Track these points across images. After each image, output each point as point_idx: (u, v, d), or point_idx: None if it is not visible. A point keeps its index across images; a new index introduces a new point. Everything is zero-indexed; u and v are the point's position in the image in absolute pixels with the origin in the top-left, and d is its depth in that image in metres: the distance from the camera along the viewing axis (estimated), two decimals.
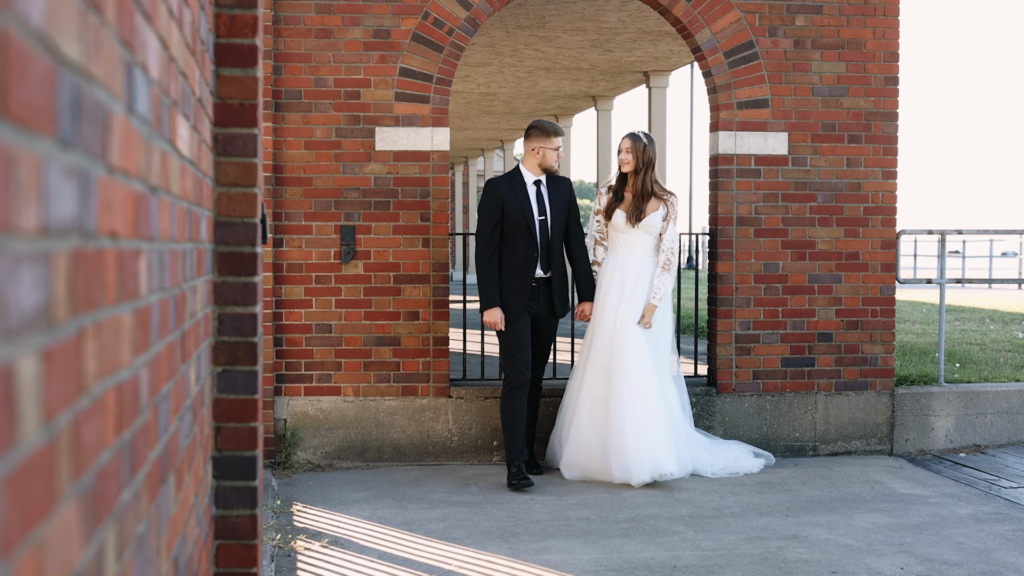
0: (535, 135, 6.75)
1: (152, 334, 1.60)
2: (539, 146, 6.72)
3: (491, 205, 6.66)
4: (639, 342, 6.60)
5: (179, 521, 2.02)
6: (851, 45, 7.55)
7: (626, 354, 6.56)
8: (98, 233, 1.14)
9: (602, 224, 6.92)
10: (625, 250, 6.80)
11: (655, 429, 6.46)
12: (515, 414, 6.59)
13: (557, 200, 6.76)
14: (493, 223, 6.64)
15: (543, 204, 6.73)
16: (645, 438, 6.44)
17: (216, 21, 2.86)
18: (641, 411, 6.48)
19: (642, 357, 6.57)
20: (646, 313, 6.68)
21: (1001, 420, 7.86)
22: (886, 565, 5.01)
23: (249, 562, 2.87)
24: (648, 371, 6.56)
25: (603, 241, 6.95)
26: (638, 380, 6.53)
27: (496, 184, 6.74)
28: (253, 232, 2.92)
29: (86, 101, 1.07)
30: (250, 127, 2.89)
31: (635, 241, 6.78)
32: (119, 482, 1.29)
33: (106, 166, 1.19)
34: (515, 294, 6.62)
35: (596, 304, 6.81)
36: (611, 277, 6.78)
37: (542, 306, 6.75)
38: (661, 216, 6.78)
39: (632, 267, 6.75)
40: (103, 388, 1.18)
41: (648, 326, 6.65)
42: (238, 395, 2.87)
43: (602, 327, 6.71)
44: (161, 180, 1.70)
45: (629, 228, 6.76)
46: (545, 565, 4.97)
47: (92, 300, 1.11)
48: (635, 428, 6.44)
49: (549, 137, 6.73)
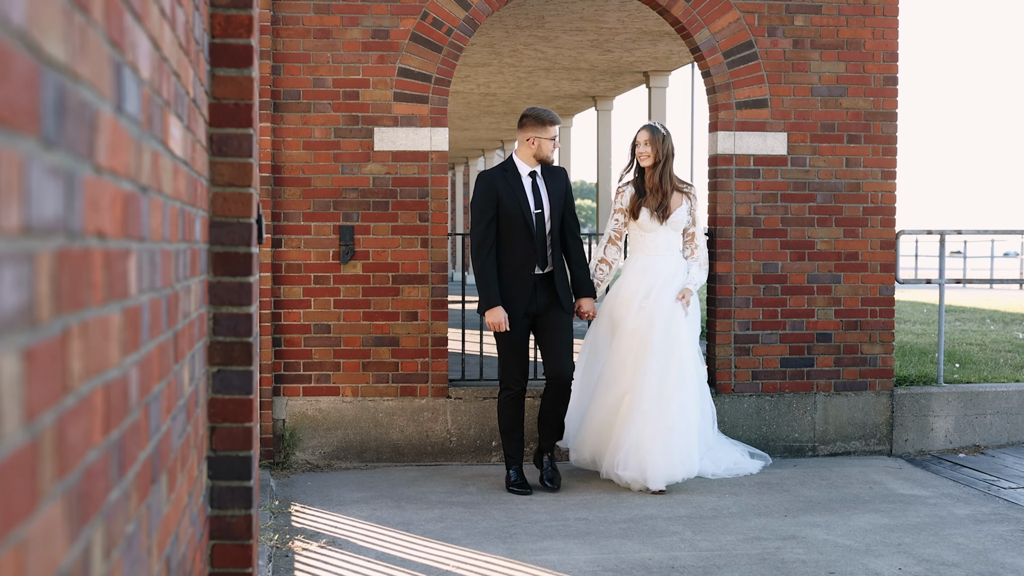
0: (530, 124, 6.37)
1: (142, 334, 1.60)
2: (534, 136, 6.34)
3: (485, 200, 6.29)
4: (668, 343, 6.33)
5: (172, 521, 2.02)
6: (850, 45, 7.55)
7: (652, 355, 6.28)
8: (84, 233, 1.14)
9: (620, 223, 6.62)
10: (652, 249, 6.53)
11: (678, 435, 6.26)
12: (510, 418, 6.39)
13: (554, 192, 6.39)
14: (488, 219, 6.27)
15: (539, 197, 6.36)
16: (664, 444, 6.24)
17: (211, 21, 2.86)
18: (665, 416, 6.25)
19: (669, 359, 6.31)
20: (685, 293, 6.41)
21: (1000, 420, 7.85)
22: (884, 565, 5.01)
23: (244, 562, 2.88)
24: (674, 374, 6.31)
25: (617, 241, 6.66)
26: (663, 382, 6.27)
27: (489, 177, 6.35)
28: (249, 232, 2.92)
29: (71, 101, 1.07)
30: (245, 127, 2.89)
31: (661, 239, 6.52)
32: (107, 481, 1.29)
33: (93, 166, 1.19)
34: (515, 293, 6.31)
35: (619, 303, 6.52)
36: (640, 277, 6.48)
37: (543, 303, 6.38)
38: (686, 211, 6.57)
39: (660, 266, 6.49)
40: (90, 388, 1.18)
41: (687, 303, 6.38)
42: (233, 395, 2.87)
43: (626, 327, 6.43)
44: (152, 180, 1.70)
45: (655, 226, 6.50)
46: (542, 565, 4.97)
47: (78, 300, 1.11)
48: (656, 433, 6.22)
49: (544, 126, 6.35)
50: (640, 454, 6.25)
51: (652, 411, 6.25)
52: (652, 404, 6.25)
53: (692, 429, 6.36)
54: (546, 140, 6.35)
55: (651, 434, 6.23)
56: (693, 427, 6.38)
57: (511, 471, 6.40)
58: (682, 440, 6.29)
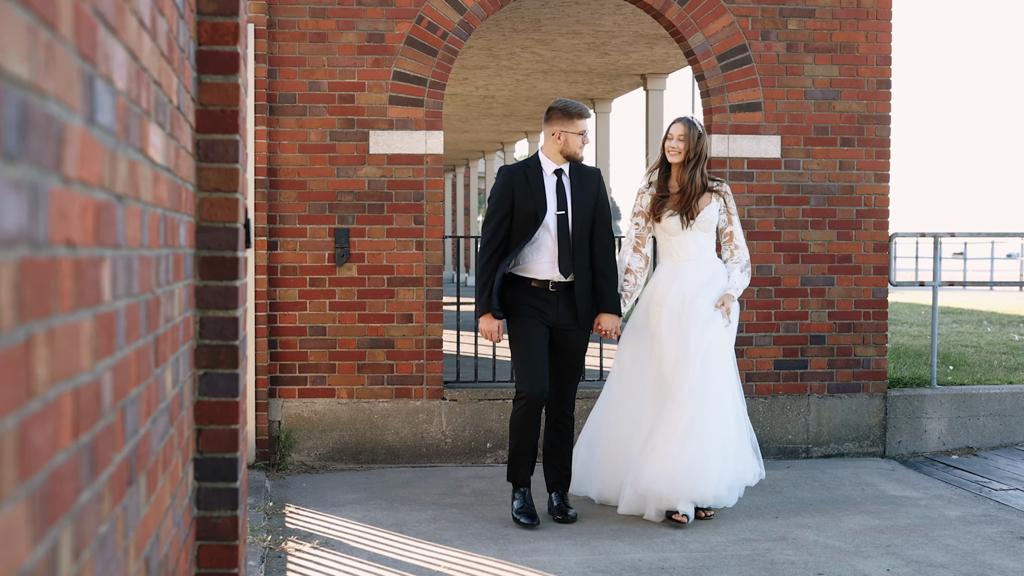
0: (556, 117, 5.81)
1: (117, 339, 1.63)
2: (560, 130, 5.78)
3: (499, 196, 5.75)
4: (706, 359, 5.66)
5: (152, 521, 2.05)
6: (844, 49, 7.58)
7: (688, 375, 5.63)
8: (51, 242, 1.18)
9: (642, 227, 6.00)
10: (681, 254, 5.90)
11: (711, 459, 5.66)
12: (523, 433, 5.66)
13: (582, 193, 5.77)
14: (500, 217, 5.72)
15: (563, 196, 5.75)
16: (700, 477, 5.62)
17: (198, 29, 2.90)
18: (703, 445, 5.61)
19: (707, 381, 5.64)
20: (725, 300, 5.77)
21: (993, 422, 7.89)
22: (872, 567, 5.04)
23: (230, 563, 2.91)
24: (713, 392, 5.65)
25: (641, 247, 6.01)
26: (699, 408, 5.62)
27: (508, 172, 5.81)
28: (235, 237, 2.96)
29: (36, 115, 1.10)
30: (232, 133, 2.93)
31: (690, 243, 5.88)
32: (76, 483, 1.32)
33: (61, 177, 1.23)
34: (532, 301, 5.71)
35: (649, 315, 5.87)
36: (667, 284, 5.86)
37: (562, 315, 5.73)
38: (717, 209, 5.91)
39: (691, 272, 5.85)
40: (57, 392, 1.21)
41: (728, 311, 5.75)
42: (219, 398, 2.91)
43: (658, 342, 5.79)
44: (129, 188, 1.74)
45: (681, 229, 5.87)
46: (533, 566, 5.00)
47: (44, 308, 1.15)
48: (691, 468, 5.61)
49: (572, 119, 5.78)
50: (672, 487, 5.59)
51: (688, 441, 5.60)
52: (687, 433, 5.60)
53: (729, 459, 5.73)
54: (574, 135, 5.78)
55: (683, 470, 5.58)
56: (731, 457, 5.74)
57: (517, 495, 5.74)
58: (719, 472, 5.69)
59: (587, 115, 5.86)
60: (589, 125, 5.89)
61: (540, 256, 5.72)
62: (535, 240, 5.71)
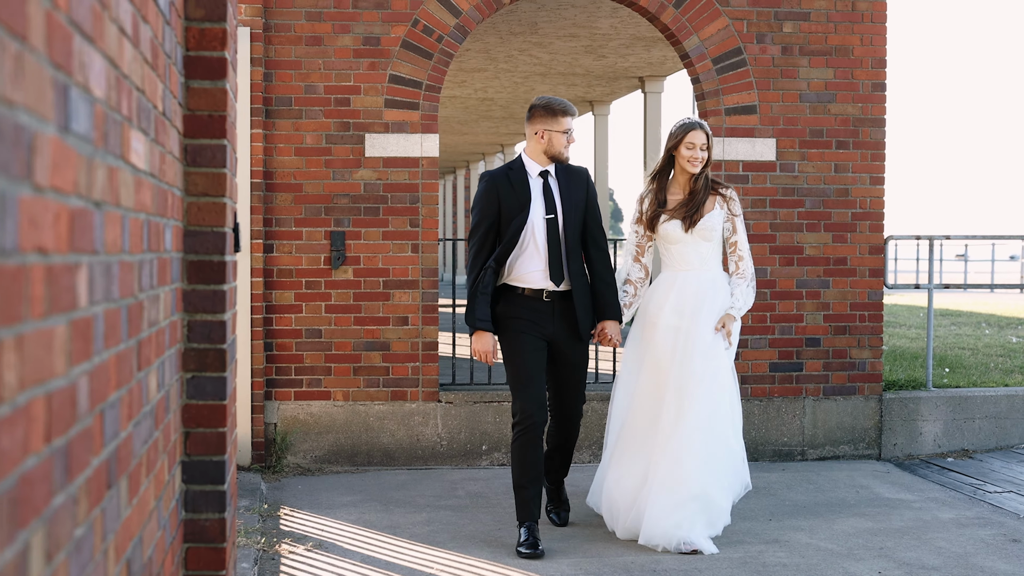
0: (538, 115, 5.46)
1: (95, 344, 1.65)
2: (543, 128, 5.44)
3: (484, 203, 5.43)
4: (707, 373, 5.42)
5: (134, 524, 2.07)
6: (839, 51, 7.60)
7: (693, 386, 5.39)
8: (21, 250, 1.20)
9: (641, 236, 5.73)
10: (682, 264, 5.62)
11: (717, 499, 5.45)
12: (524, 465, 5.28)
13: (571, 195, 5.46)
14: (486, 226, 5.41)
15: (551, 200, 5.43)
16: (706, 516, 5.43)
17: (185, 34, 2.92)
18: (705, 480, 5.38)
19: (710, 392, 5.41)
20: (726, 322, 5.49)
21: (989, 425, 7.90)
22: (864, 569, 5.05)
23: (218, 565, 2.93)
24: (713, 409, 5.42)
25: (640, 257, 5.76)
26: (706, 440, 5.38)
27: (491, 178, 5.48)
28: (223, 241, 2.98)
29: (4, 126, 1.12)
30: (219, 138, 2.95)
31: (691, 251, 5.60)
32: (49, 486, 1.34)
33: (32, 185, 1.25)
34: (526, 314, 5.40)
35: (646, 326, 5.62)
36: (665, 295, 5.58)
37: (560, 328, 5.42)
38: (721, 217, 5.64)
39: (691, 282, 5.57)
40: (27, 397, 1.23)
41: (728, 333, 5.49)
42: (207, 400, 2.93)
43: (654, 354, 5.54)
44: (108, 194, 1.76)
45: (683, 236, 5.58)
46: (525, 569, 5.02)
47: (12, 314, 1.17)
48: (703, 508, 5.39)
49: (556, 117, 5.44)
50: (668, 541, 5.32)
51: (692, 478, 5.35)
52: (695, 466, 5.35)
53: (729, 490, 5.54)
54: (558, 134, 5.43)
55: (695, 510, 5.36)
56: (729, 489, 5.54)
57: (523, 529, 5.27)
58: (721, 504, 5.49)
59: (572, 112, 5.50)
60: (574, 123, 5.53)
61: (531, 264, 5.40)
62: (524, 248, 5.39)
